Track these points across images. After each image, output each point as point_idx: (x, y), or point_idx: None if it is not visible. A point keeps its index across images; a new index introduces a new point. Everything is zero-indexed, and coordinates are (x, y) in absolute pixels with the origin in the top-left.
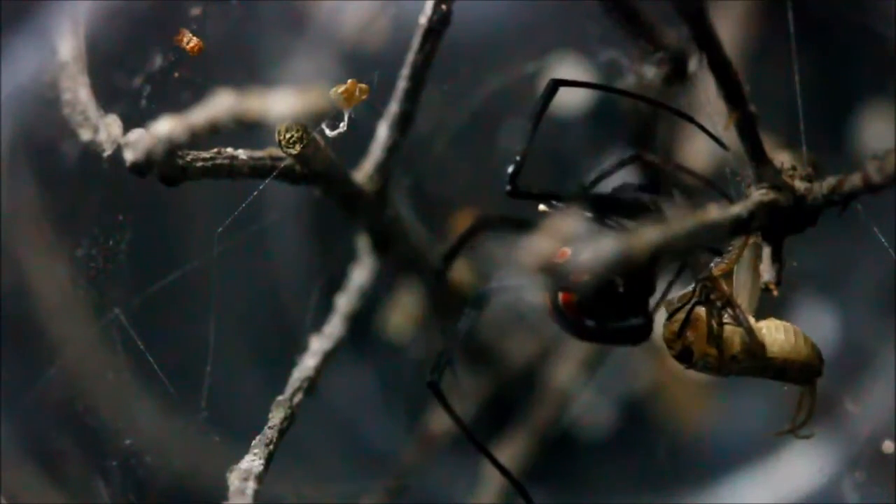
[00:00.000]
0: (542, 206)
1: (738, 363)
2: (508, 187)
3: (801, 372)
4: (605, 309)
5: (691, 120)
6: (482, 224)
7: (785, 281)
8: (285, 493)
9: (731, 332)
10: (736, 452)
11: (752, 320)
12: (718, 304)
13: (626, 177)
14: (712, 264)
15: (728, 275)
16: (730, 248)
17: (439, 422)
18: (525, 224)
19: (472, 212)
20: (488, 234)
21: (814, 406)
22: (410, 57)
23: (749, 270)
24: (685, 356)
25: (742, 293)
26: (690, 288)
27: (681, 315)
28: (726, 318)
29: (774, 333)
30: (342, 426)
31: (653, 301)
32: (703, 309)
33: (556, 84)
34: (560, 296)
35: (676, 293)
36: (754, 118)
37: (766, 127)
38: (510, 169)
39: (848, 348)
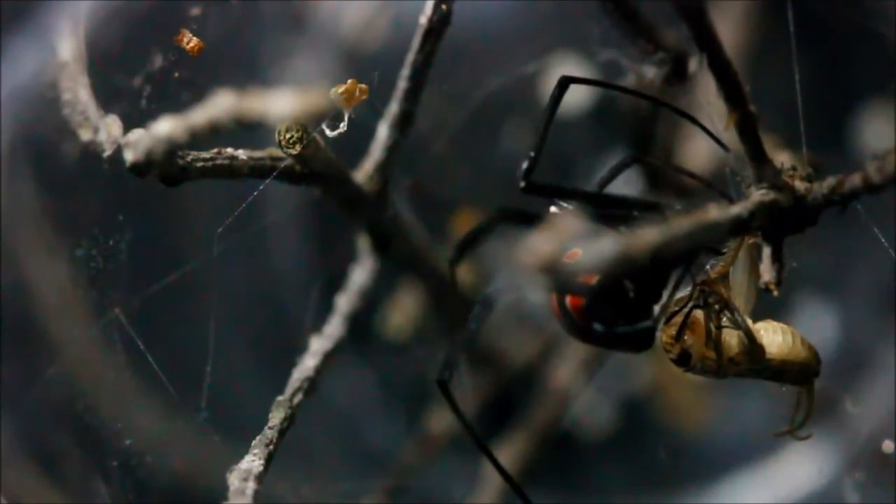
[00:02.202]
0: (553, 208)
1: (736, 365)
2: (523, 183)
3: (799, 373)
4: (613, 314)
5: (696, 121)
6: (500, 217)
7: (785, 281)
8: (285, 493)
9: (729, 335)
10: (736, 452)
11: (749, 322)
12: (716, 307)
13: (627, 178)
14: (708, 267)
15: (725, 277)
16: (726, 249)
17: (439, 422)
18: (542, 219)
19: (473, 212)
20: (505, 227)
21: (812, 406)
22: (410, 57)
23: (745, 272)
24: (683, 359)
25: (739, 295)
26: (687, 291)
27: (678, 319)
28: (724, 321)
29: (772, 335)
30: (342, 426)
31: (657, 308)
32: (701, 312)
33: (567, 81)
34: (568, 298)
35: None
36: (754, 118)
37: (766, 127)
38: (524, 165)
39: (848, 348)
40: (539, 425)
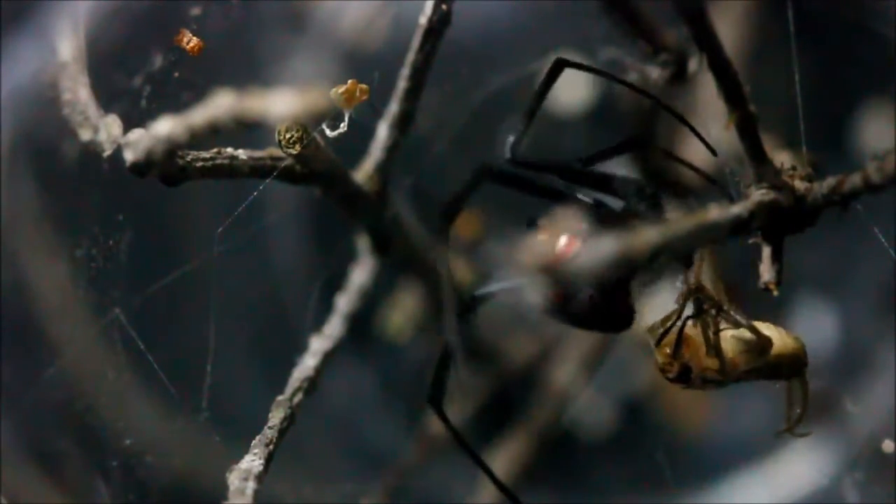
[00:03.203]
0: (540, 220)
1: (736, 368)
2: (509, 155)
3: (790, 366)
4: (589, 293)
5: (685, 122)
6: (483, 174)
7: (784, 281)
8: (285, 493)
9: (724, 339)
10: (736, 452)
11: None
12: (712, 311)
13: (625, 167)
14: (679, 281)
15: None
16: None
17: (439, 422)
18: (526, 182)
19: (473, 212)
20: (489, 184)
21: (807, 400)
22: (410, 57)
23: (710, 281)
24: (684, 375)
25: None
26: (671, 308)
27: (672, 336)
28: (723, 325)
29: (764, 331)
30: (342, 426)
31: (635, 287)
32: (692, 325)
33: (562, 64)
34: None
35: (657, 318)
36: (754, 118)
37: (766, 127)
38: (511, 139)
39: (848, 348)
40: (539, 425)
